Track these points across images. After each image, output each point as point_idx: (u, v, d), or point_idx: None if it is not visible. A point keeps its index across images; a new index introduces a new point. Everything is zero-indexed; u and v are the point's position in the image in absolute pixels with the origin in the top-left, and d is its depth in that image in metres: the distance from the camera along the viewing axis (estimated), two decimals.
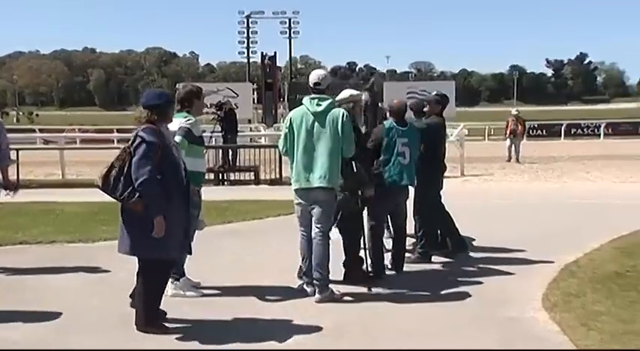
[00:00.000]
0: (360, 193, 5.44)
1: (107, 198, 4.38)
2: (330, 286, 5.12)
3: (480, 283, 5.52)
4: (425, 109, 6.74)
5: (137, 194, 4.17)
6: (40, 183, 14.24)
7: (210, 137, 17.46)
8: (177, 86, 6.39)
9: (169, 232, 4.21)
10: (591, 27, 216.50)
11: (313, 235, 5.11)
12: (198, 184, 5.25)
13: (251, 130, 33.06)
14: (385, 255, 5.88)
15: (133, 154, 4.24)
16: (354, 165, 5.41)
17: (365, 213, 5.74)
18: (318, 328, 4.42)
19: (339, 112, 5.14)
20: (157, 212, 4.17)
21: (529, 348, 3.67)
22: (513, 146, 19.46)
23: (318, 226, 5.10)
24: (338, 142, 5.05)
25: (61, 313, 4.82)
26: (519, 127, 19.59)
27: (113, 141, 29.32)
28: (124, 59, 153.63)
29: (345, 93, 5.61)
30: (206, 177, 15.06)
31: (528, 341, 4.10)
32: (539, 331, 4.28)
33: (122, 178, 4.22)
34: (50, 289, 5.56)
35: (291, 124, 5.20)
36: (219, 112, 16.22)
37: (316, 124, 5.09)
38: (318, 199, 5.08)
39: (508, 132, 19.68)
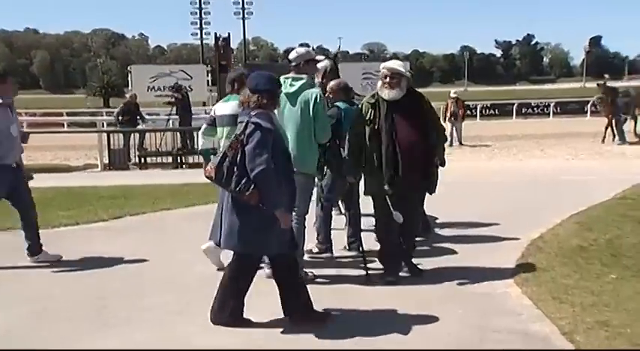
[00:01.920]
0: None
1: (62, 183, 4.19)
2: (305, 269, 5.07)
3: (450, 261, 5.59)
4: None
5: (253, 185, 3.83)
6: None
7: (168, 120, 17.26)
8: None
9: (277, 226, 3.95)
10: (537, 8, 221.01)
11: None
12: None
13: (206, 113, 32.59)
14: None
15: (245, 141, 3.87)
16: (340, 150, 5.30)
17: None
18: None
19: (312, 93, 4.89)
20: (278, 204, 3.89)
21: (527, 348, 3.74)
22: (455, 129, 18.50)
23: (296, 209, 4.96)
24: (309, 125, 4.86)
25: (20, 303, 4.67)
26: (460, 109, 18.90)
27: (63, 124, 28.57)
28: (69, 40, 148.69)
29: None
30: (165, 160, 15.22)
31: (503, 316, 4.17)
32: (512, 305, 4.38)
33: (235, 169, 3.87)
34: (14, 277, 5.39)
35: None
36: (176, 95, 15.97)
37: (288, 105, 4.92)
38: None
39: (448, 115, 18.62)
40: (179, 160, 15.21)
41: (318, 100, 4.86)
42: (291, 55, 5.07)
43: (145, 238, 6.87)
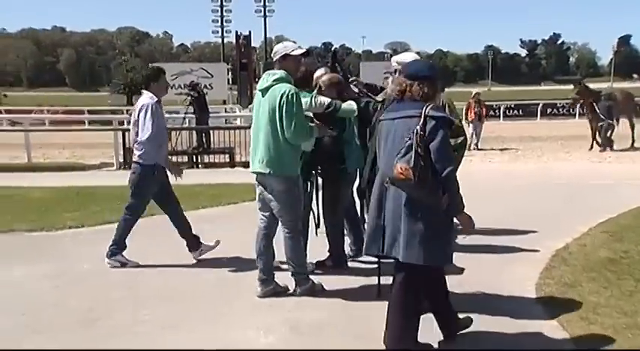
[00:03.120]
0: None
1: (74, 182, 3.94)
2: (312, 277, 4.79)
3: (469, 272, 5.21)
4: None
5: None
6: (3, 166, 13.60)
7: (184, 118, 17.03)
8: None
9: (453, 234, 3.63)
10: (564, 8, 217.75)
11: (280, 227, 4.72)
12: None
13: (226, 111, 32.47)
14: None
15: (427, 138, 3.35)
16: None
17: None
18: (297, 323, 4.11)
19: (281, 89, 4.47)
20: (462, 206, 3.45)
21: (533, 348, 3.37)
22: (475, 131, 17.10)
23: (280, 219, 4.68)
24: (277, 124, 4.47)
25: (19, 310, 4.44)
26: (483, 109, 17.71)
27: (84, 122, 28.61)
28: (95, 39, 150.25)
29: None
30: (180, 160, 15.02)
31: (525, 338, 3.80)
32: (536, 326, 3.98)
33: (425, 169, 3.35)
34: (7, 283, 5.16)
35: (254, 101, 4.87)
36: (192, 93, 15.74)
37: (261, 101, 4.61)
38: (269, 186, 4.62)
39: (472, 116, 17.17)
40: (194, 160, 14.98)
41: (287, 96, 4.42)
42: (272, 53, 4.81)
43: (151, 243, 6.59)
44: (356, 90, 5.58)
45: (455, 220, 3.54)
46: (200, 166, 14.80)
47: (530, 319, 4.10)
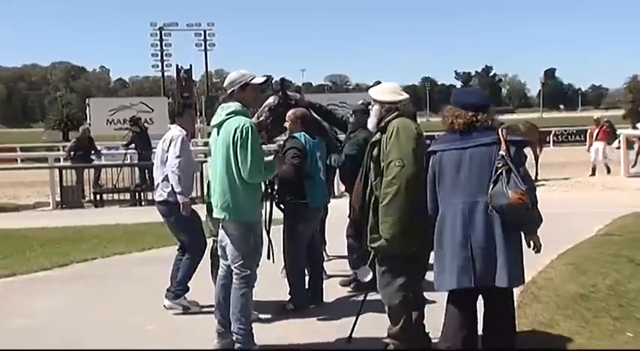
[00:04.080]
0: None
1: (4, 224, 3.49)
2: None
3: (431, 311, 4.92)
4: (351, 121, 5.91)
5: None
6: None
7: (125, 154, 16.38)
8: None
9: None
10: (494, 41, 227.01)
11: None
12: None
13: None
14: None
15: (512, 162, 3.44)
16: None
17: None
18: None
19: (235, 123, 4.08)
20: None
21: None
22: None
23: (232, 266, 4.21)
24: (232, 162, 4.06)
25: None
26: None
27: (16, 160, 27.25)
28: (27, 74, 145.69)
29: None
30: (122, 197, 14.35)
31: None
32: None
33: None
34: None
35: (210, 138, 4.48)
36: (133, 128, 15.19)
37: (215, 138, 4.23)
38: (226, 231, 4.21)
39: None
40: (137, 197, 14.35)
41: (242, 130, 4.03)
42: (225, 82, 4.33)
43: (90, 291, 6.07)
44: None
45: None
46: (143, 203, 14.17)
47: None
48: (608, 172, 16.38)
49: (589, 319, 4.47)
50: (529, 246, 3.60)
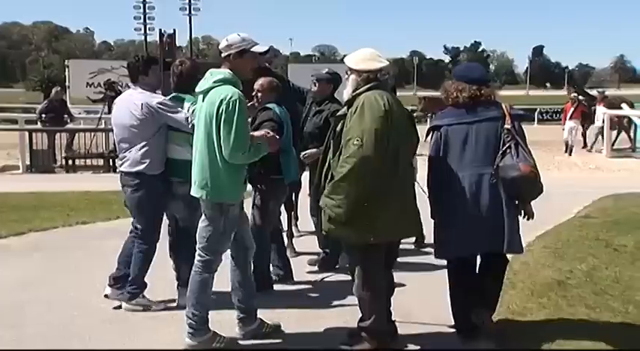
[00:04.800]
0: None
1: None
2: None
3: (403, 300, 4.69)
4: (314, 90, 5.43)
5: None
6: None
7: (99, 119, 15.90)
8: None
9: None
10: (484, 16, 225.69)
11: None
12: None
13: None
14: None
15: (518, 137, 3.64)
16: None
17: None
18: None
19: (222, 92, 3.62)
20: None
21: None
22: None
23: (197, 247, 3.86)
24: (214, 137, 3.63)
25: None
26: None
27: None
28: (8, 32, 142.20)
29: None
30: (95, 163, 13.95)
31: None
32: None
33: None
34: None
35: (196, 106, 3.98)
36: (108, 92, 14.68)
37: (201, 107, 3.78)
38: (203, 209, 3.84)
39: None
40: (112, 164, 13.95)
41: (228, 103, 3.57)
42: (222, 43, 3.83)
43: (45, 264, 5.75)
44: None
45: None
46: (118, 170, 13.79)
47: None
48: (570, 153, 16.33)
49: (563, 308, 4.27)
50: (523, 215, 3.73)
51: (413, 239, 5.84)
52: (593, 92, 19.47)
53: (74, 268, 5.62)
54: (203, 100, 3.75)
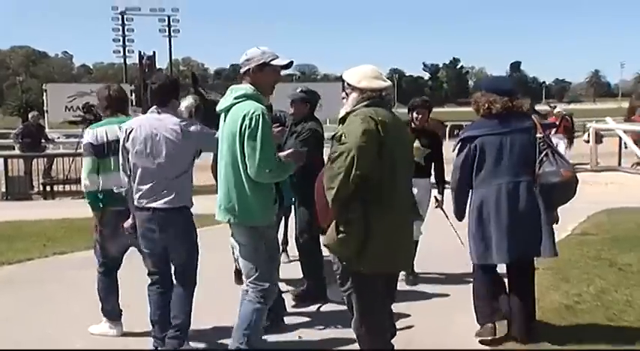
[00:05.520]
0: None
1: None
2: None
3: (417, 319, 4.43)
4: (290, 111, 5.20)
5: None
6: None
7: (78, 143, 15.49)
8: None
9: None
10: (462, 33, 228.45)
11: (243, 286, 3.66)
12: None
13: None
14: None
15: (551, 144, 3.91)
16: None
17: None
18: None
19: (244, 108, 3.41)
20: None
21: None
22: None
23: (247, 280, 3.61)
24: (238, 156, 3.43)
25: None
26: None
27: None
28: None
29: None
30: (75, 188, 13.49)
31: None
32: None
33: None
34: None
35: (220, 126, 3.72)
36: (86, 116, 14.30)
37: (222, 127, 3.60)
38: (234, 236, 3.66)
39: None
40: None
41: (252, 118, 3.35)
42: (241, 58, 3.60)
43: (18, 299, 5.37)
44: None
45: None
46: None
47: None
48: None
49: (578, 336, 3.98)
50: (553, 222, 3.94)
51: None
52: (545, 107, 19.32)
53: (47, 303, 5.24)
54: (225, 119, 3.55)
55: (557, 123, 16.28)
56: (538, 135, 3.81)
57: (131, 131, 3.85)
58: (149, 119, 3.89)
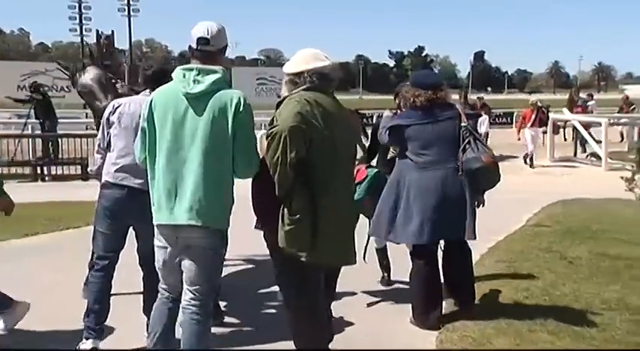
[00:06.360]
0: None
1: None
2: None
3: (356, 320, 4.27)
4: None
5: None
6: None
7: (25, 124, 14.94)
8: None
9: None
10: (427, 21, 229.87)
11: (184, 304, 3.09)
12: None
13: (87, 117, 29.78)
14: None
15: (473, 132, 4.08)
16: None
17: None
18: None
19: (232, 94, 2.99)
20: None
21: None
22: None
23: (192, 290, 3.07)
24: (225, 149, 2.99)
25: None
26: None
27: None
28: None
29: None
30: (22, 172, 12.99)
31: None
32: None
33: None
34: None
35: (151, 113, 3.09)
36: (33, 95, 13.78)
37: (190, 114, 3.00)
38: (189, 243, 3.05)
39: None
40: (39, 171, 13.05)
41: (242, 107, 2.97)
42: (206, 33, 3.13)
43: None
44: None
45: None
46: (47, 178, 12.94)
47: None
48: (532, 162, 14.92)
49: (524, 335, 3.85)
50: (477, 205, 4.13)
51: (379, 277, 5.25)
52: (474, 97, 19.40)
53: None
54: (197, 106, 3.00)
55: (533, 115, 15.09)
56: (462, 123, 4.01)
57: (119, 106, 3.89)
58: (140, 99, 3.85)
